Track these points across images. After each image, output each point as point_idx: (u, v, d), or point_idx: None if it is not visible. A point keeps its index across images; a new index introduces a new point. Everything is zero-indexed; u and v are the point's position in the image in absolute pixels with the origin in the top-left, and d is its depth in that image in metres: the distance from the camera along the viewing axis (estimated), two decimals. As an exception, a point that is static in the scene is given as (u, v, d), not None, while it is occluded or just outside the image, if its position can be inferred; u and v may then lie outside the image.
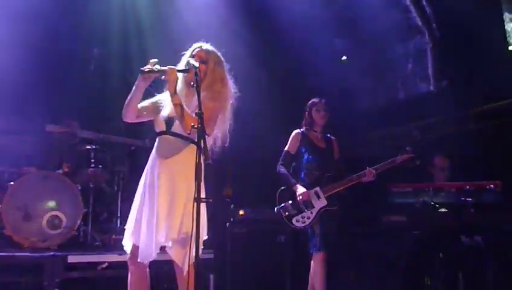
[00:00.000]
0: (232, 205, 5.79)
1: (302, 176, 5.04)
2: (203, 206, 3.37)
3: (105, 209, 6.08)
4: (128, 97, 3.51)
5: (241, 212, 5.80)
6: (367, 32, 6.87)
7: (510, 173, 5.26)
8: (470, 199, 5.09)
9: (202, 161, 3.09)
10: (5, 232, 5.06)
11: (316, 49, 6.70)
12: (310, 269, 4.98)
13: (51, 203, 5.21)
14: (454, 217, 5.15)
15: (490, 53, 5.78)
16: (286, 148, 5.13)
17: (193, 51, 3.61)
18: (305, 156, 5.08)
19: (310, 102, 5.24)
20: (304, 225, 4.88)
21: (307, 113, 5.22)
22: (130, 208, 3.62)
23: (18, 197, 5.11)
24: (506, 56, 5.55)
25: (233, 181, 5.78)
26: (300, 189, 4.89)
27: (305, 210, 4.88)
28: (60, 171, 5.52)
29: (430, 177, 5.69)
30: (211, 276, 5.47)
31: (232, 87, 3.66)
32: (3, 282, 4.87)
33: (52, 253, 4.87)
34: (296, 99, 5.73)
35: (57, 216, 5.20)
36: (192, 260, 3.13)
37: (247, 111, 3.73)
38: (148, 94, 3.59)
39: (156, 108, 3.64)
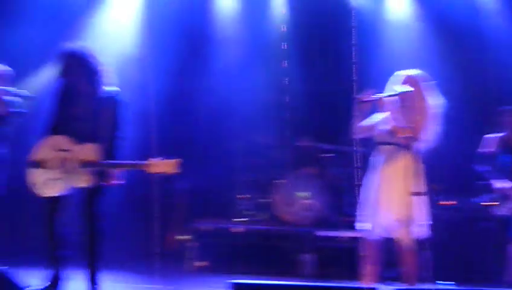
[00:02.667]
0: (438, 197, 5.42)
1: (500, 173, 4.50)
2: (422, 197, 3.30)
3: (343, 198, 6.16)
4: (355, 120, 3.61)
5: (444, 202, 5.40)
6: None
7: None
8: None
9: (415, 162, 3.07)
10: (278, 214, 5.52)
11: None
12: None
13: (302, 193, 5.49)
14: None
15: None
16: (486, 149, 4.64)
17: (400, 78, 3.57)
18: (503, 156, 4.53)
19: (509, 109, 4.66)
20: (507, 213, 4.37)
21: (504, 119, 4.65)
22: (361, 198, 3.69)
23: (284, 190, 5.52)
24: None
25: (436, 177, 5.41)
26: (505, 183, 4.40)
27: (509, 200, 4.35)
28: (310, 173, 5.78)
29: None
30: (426, 253, 5.18)
31: (432, 100, 3.50)
32: (278, 245, 5.22)
33: (307, 229, 5.17)
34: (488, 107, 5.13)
35: (310, 203, 5.46)
36: (413, 238, 3.06)
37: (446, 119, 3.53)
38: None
39: (375, 125, 3.68)
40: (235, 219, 5.71)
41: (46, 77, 5.12)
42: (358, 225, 3.69)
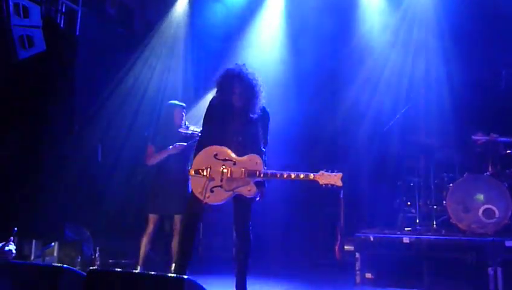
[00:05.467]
0: None
1: None
2: None
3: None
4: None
5: None
6: None
7: None
8: None
9: None
10: (451, 221, 5.14)
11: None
12: None
13: (480, 197, 4.97)
14: None
15: None
16: None
17: None
18: None
19: None
20: None
21: None
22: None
23: (457, 194, 5.09)
24: None
25: None
26: None
27: None
28: (488, 173, 5.23)
29: None
30: None
31: None
32: (452, 257, 4.83)
33: (491, 238, 4.63)
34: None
35: (490, 208, 4.92)
36: None
37: None
38: None
39: None
40: (406, 228, 5.46)
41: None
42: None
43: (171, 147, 4.56)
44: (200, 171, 3.56)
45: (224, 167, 3.54)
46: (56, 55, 5.08)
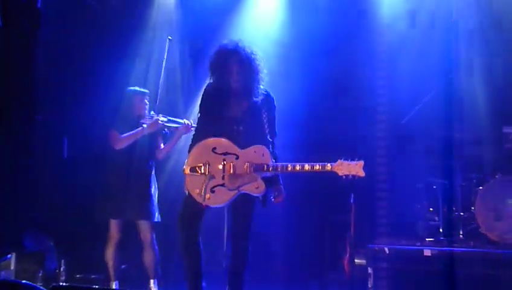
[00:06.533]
0: None
1: None
2: None
3: None
4: None
5: None
6: None
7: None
8: None
9: None
10: (481, 231, 5.02)
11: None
12: None
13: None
14: None
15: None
16: None
17: None
18: None
19: None
20: None
21: None
22: None
23: (488, 199, 5.01)
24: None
25: None
26: None
27: None
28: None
29: None
30: None
31: None
32: (481, 273, 4.80)
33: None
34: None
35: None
36: None
37: None
38: None
39: None
40: (427, 239, 5.38)
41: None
42: None
43: (144, 125, 4.43)
44: (197, 168, 3.41)
45: (225, 162, 3.40)
46: (15, 32, 4.91)
